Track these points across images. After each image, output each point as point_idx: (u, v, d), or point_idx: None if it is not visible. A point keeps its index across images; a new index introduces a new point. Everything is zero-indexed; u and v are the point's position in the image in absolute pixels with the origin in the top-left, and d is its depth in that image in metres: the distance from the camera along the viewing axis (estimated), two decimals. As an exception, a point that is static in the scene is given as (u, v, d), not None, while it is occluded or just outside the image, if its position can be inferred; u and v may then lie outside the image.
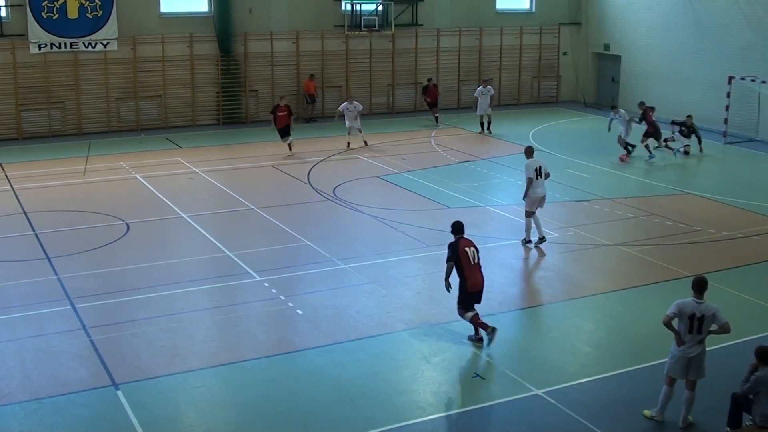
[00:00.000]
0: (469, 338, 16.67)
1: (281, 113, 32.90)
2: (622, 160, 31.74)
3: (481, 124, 37.95)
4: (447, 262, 16.56)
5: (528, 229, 22.30)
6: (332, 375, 15.27)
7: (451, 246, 16.65)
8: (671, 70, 41.38)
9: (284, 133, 32.98)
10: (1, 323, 17.41)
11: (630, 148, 32.19)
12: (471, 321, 16.53)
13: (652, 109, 33.24)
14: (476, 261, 16.57)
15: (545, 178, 22.28)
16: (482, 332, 16.44)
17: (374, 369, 15.53)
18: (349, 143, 34.58)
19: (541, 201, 22.27)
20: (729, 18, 38.30)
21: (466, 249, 16.49)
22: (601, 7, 45.64)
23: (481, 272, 16.63)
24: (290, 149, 33.02)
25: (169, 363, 15.67)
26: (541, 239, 22.19)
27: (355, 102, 34.77)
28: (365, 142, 34.82)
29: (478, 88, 38.17)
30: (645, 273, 20.63)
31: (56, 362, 15.69)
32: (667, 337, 13.73)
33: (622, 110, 33.18)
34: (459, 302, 16.69)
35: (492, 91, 38.11)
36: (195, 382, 15.00)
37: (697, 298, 13.25)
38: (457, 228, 16.88)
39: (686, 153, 33.30)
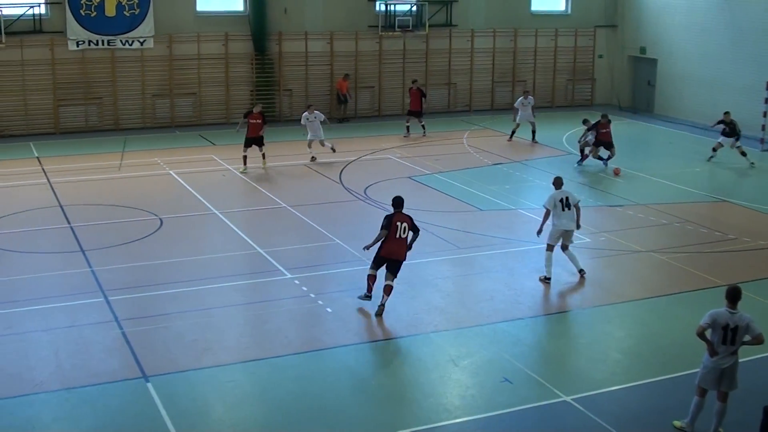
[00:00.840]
0: (359, 296, 18.40)
1: (254, 121, 30.20)
2: (616, 173, 30.73)
3: (513, 132, 36.55)
4: (381, 230, 18.01)
5: (548, 265, 20.19)
6: (360, 374, 15.34)
7: (386, 218, 18.20)
8: (708, 74, 41.05)
9: (253, 142, 30.15)
10: (36, 313, 17.61)
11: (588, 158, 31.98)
12: (367, 277, 18.27)
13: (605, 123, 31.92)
14: (403, 235, 18.06)
15: (576, 211, 20.27)
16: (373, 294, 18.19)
17: (402, 370, 15.58)
18: (313, 157, 32.00)
19: (565, 235, 20.23)
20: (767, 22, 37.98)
21: (398, 223, 18.01)
22: (638, 10, 45.39)
23: (402, 245, 18.09)
24: (245, 163, 30.16)
25: (199, 357, 15.79)
26: (581, 272, 20.37)
27: (316, 111, 32.43)
28: (332, 149, 32.33)
29: (519, 99, 36.88)
30: (677, 281, 20.50)
31: (88, 353, 15.86)
32: (699, 347, 13.62)
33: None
34: (373, 259, 18.28)
35: (533, 102, 36.71)
36: (224, 377, 15.10)
37: (731, 308, 13.09)
38: (397, 203, 18.36)
39: (743, 154, 32.28)
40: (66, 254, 21.39)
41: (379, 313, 17.89)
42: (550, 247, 20.34)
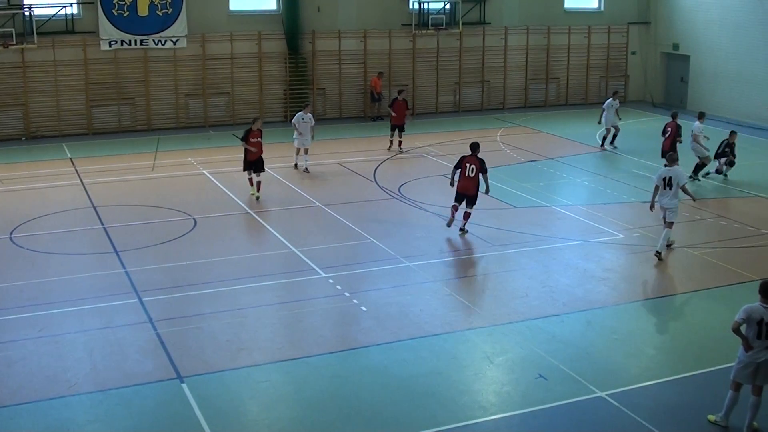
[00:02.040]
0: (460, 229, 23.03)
1: (255, 140, 26.47)
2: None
3: (604, 138, 34.41)
4: (453, 168, 23.24)
5: (661, 239, 21.41)
6: (395, 372, 15.29)
7: (460, 158, 23.14)
8: (741, 70, 40.82)
9: (257, 166, 26.55)
10: (71, 315, 17.71)
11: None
12: (451, 208, 23.03)
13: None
14: (471, 174, 22.68)
15: (673, 190, 20.99)
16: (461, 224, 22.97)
17: (437, 368, 15.53)
18: (297, 164, 30.53)
19: (666, 212, 21.20)
20: (801, 18, 37.72)
21: (467, 164, 22.79)
22: (670, 7, 45.14)
23: (471, 182, 22.72)
24: (258, 189, 26.59)
25: (233, 357, 15.81)
26: (657, 254, 21.26)
27: (310, 113, 30.29)
28: (305, 169, 30.09)
29: (608, 101, 34.60)
30: (711, 276, 20.41)
31: (123, 354, 15.90)
32: (733, 341, 13.57)
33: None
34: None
35: (617, 105, 34.68)
36: (259, 377, 15.11)
37: (765, 303, 13.06)
38: (472, 146, 23.30)
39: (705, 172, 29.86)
40: (100, 255, 21.48)
41: (462, 233, 22.92)
42: (666, 224, 21.47)
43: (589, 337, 17.06)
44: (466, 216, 22.83)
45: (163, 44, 37.32)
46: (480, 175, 22.65)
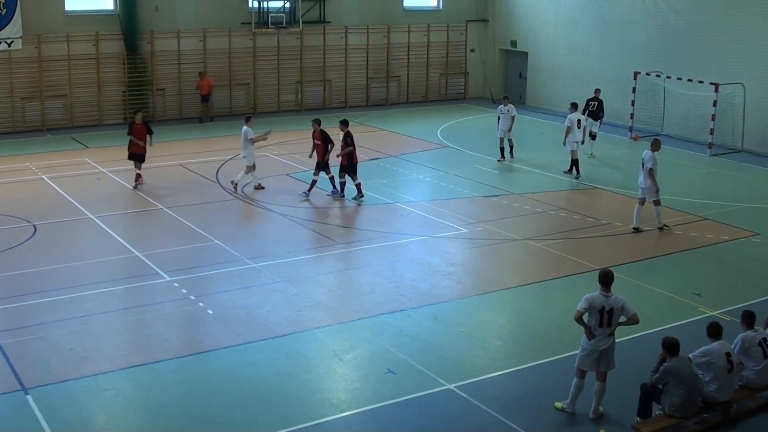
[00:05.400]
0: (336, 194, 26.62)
1: None
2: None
3: (501, 149, 32.17)
4: (350, 146, 26.02)
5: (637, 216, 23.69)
6: (244, 375, 15.23)
7: (350, 137, 26.20)
8: (577, 65, 42.07)
9: None
10: None
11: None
12: (338, 180, 26.50)
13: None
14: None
15: (644, 171, 23.05)
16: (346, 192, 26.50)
17: (286, 368, 15.53)
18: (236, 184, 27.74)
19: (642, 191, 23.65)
20: (634, 14, 39.06)
21: (356, 143, 26.23)
22: (508, 4, 46.17)
23: (343, 157, 26.06)
24: None
25: (78, 366, 15.47)
26: (635, 229, 23.69)
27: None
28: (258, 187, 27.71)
29: (499, 107, 32.59)
30: (554, 267, 20.96)
31: (-38, 368, 15.40)
32: (577, 330, 13.98)
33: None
34: (341, 170, 26.42)
35: (514, 112, 31.80)
36: (105, 385, 14.82)
37: (605, 291, 13.48)
38: (345, 122, 26.77)
39: (593, 137, 33.06)
40: (-65, 266, 20.73)
41: (359, 197, 26.10)
42: (640, 201, 23.66)
43: (435, 331, 17.32)
44: (359, 187, 26.21)
45: (-4, 46, 36.14)
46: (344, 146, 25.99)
